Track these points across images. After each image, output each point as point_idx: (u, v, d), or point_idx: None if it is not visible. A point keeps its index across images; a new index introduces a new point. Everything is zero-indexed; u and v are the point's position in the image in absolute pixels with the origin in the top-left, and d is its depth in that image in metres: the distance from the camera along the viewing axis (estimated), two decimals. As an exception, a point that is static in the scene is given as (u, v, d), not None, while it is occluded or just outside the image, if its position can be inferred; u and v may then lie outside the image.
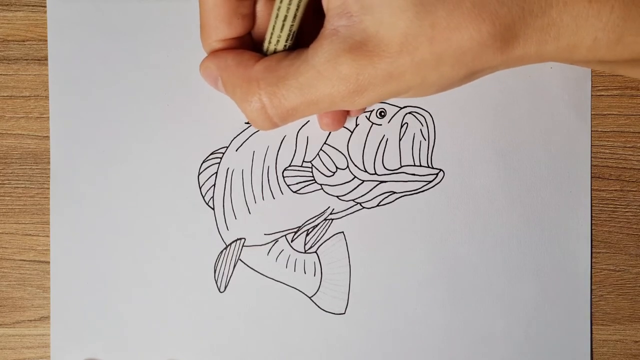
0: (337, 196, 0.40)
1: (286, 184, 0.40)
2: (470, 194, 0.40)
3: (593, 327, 0.41)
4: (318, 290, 0.40)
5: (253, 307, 0.40)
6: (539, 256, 0.40)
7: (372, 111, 0.40)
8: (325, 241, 0.40)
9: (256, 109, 0.30)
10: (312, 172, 0.40)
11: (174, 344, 0.40)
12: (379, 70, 0.27)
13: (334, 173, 0.40)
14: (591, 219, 0.40)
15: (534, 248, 0.40)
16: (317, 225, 0.40)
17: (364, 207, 0.40)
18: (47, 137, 0.40)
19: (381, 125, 0.40)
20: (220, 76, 0.32)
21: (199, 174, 0.40)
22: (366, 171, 0.40)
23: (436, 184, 0.40)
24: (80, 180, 0.40)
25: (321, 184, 0.40)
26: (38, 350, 0.41)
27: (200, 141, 0.40)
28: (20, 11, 0.40)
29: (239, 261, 0.40)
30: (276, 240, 0.41)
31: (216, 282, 0.40)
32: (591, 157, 0.40)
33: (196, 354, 0.40)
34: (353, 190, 0.40)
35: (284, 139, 0.40)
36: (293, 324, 0.40)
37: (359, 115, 0.40)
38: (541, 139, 0.40)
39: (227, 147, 0.40)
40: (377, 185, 0.40)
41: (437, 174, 0.40)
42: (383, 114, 0.40)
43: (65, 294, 0.40)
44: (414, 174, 0.40)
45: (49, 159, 0.40)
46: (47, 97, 0.40)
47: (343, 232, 0.41)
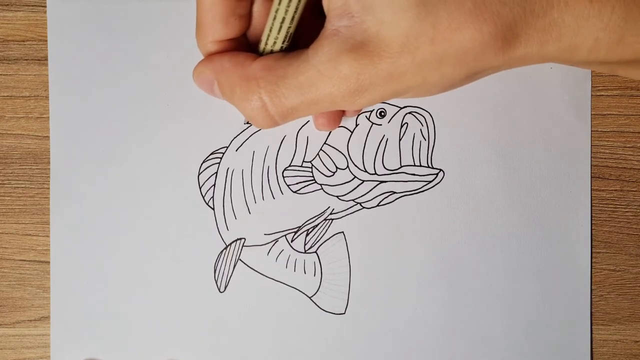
0: (337, 196, 0.40)
1: (286, 184, 0.40)
2: (470, 194, 0.40)
3: (593, 327, 0.41)
4: (318, 290, 0.40)
5: (253, 307, 0.40)
6: (539, 256, 0.40)
7: (372, 111, 0.40)
8: (325, 241, 0.40)
9: (257, 107, 0.30)
10: (312, 172, 0.40)
11: (174, 344, 0.40)
12: (379, 71, 0.27)
13: (334, 173, 0.40)
14: (591, 219, 0.40)
15: (534, 248, 0.40)
16: (317, 225, 0.40)
17: (364, 207, 0.40)
18: (47, 137, 0.40)
19: (381, 125, 0.40)
20: (216, 79, 0.32)
21: (199, 174, 0.40)
22: (366, 171, 0.40)
23: (436, 184, 0.40)
24: (80, 180, 0.40)
25: (321, 184, 0.40)
26: (38, 350, 0.41)
27: (200, 141, 0.40)
28: (20, 11, 0.40)
29: (239, 261, 0.40)
30: (276, 240, 0.41)
31: (216, 282, 0.40)
32: (591, 157, 0.40)
33: (196, 354, 0.40)
34: (353, 190, 0.40)
35: (284, 139, 0.40)
36: (293, 324, 0.40)
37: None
38: (541, 139, 0.40)
39: (227, 147, 0.40)
40: (377, 185, 0.40)
41: (437, 174, 0.40)
42: (383, 114, 0.40)
43: (65, 294, 0.40)
44: (414, 174, 0.40)
45: (49, 159, 0.40)
46: (47, 97, 0.40)
47: (343, 232, 0.40)
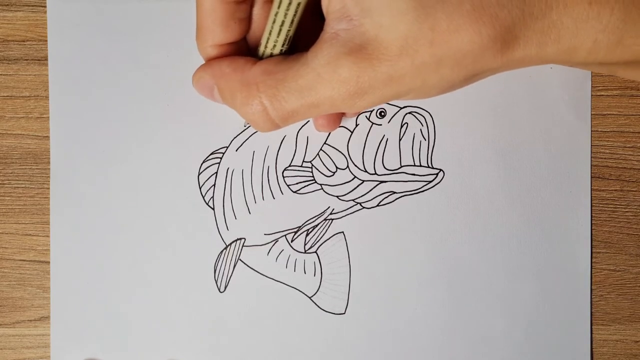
0: (337, 196, 0.40)
1: (286, 184, 0.40)
2: (470, 194, 0.40)
3: (593, 327, 0.41)
4: (318, 290, 0.40)
5: (253, 307, 0.40)
6: (539, 256, 0.40)
7: (372, 111, 0.40)
8: (325, 241, 0.40)
9: (258, 111, 0.30)
10: (312, 172, 0.40)
11: (174, 344, 0.40)
12: (379, 73, 0.27)
13: (334, 173, 0.40)
14: (591, 219, 0.40)
15: (534, 248, 0.40)
16: (317, 225, 0.40)
17: (364, 207, 0.40)
18: (47, 137, 0.40)
19: (381, 125, 0.40)
20: (216, 84, 0.32)
21: (199, 174, 0.40)
22: (366, 171, 0.40)
23: (436, 184, 0.40)
24: (80, 180, 0.40)
25: (321, 184, 0.40)
26: (38, 350, 0.41)
27: (200, 141, 0.40)
28: (20, 11, 0.40)
29: (239, 261, 0.40)
30: (276, 240, 0.41)
31: (216, 282, 0.40)
32: (591, 157, 0.40)
33: (196, 354, 0.40)
34: (353, 190, 0.40)
35: (284, 139, 0.40)
36: (293, 324, 0.40)
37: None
38: (541, 139, 0.40)
39: (227, 147, 0.40)
40: (377, 185, 0.40)
41: (437, 174, 0.40)
42: (383, 114, 0.40)
43: (65, 294, 0.40)
44: (414, 174, 0.40)
45: (49, 159, 0.40)
46: (47, 97, 0.40)
47: (343, 232, 0.41)
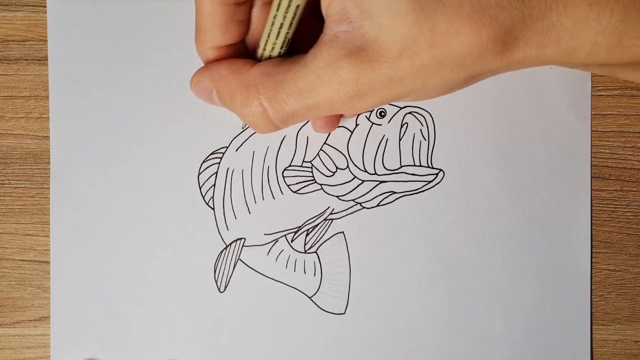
0: (337, 196, 0.40)
1: (286, 184, 0.40)
2: (470, 194, 0.40)
3: (593, 327, 0.41)
4: (318, 290, 0.40)
5: (253, 307, 0.40)
6: (539, 256, 0.40)
7: (372, 111, 0.40)
8: (325, 241, 0.40)
9: (258, 113, 0.30)
10: (312, 172, 0.40)
11: (174, 344, 0.40)
12: (378, 75, 0.27)
13: (334, 173, 0.40)
14: (591, 219, 0.40)
15: (534, 248, 0.40)
16: (317, 225, 0.40)
17: (364, 207, 0.40)
18: (47, 137, 0.40)
19: (381, 125, 0.40)
20: (215, 87, 0.32)
21: (199, 174, 0.40)
22: (366, 171, 0.40)
23: (436, 184, 0.40)
24: (80, 180, 0.40)
25: (321, 184, 0.40)
26: (38, 350, 0.41)
27: (200, 141, 0.40)
28: (20, 11, 0.40)
29: (239, 261, 0.40)
30: (276, 240, 0.41)
31: (216, 282, 0.40)
32: (591, 157, 0.40)
33: (196, 354, 0.40)
34: (353, 190, 0.40)
35: (283, 139, 0.40)
36: (293, 324, 0.40)
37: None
38: (541, 139, 0.40)
39: (227, 147, 0.40)
40: (377, 185, 0.40)
41: (437, 174, 0.40)
42: (383, 114, 0.40)
43: (65, 294, 0.40)
44: (414, 174, 0.40)
45: (49, 159, 0.40)
46: (47, 97, 0.40)
47: (343, 232, 0.41)
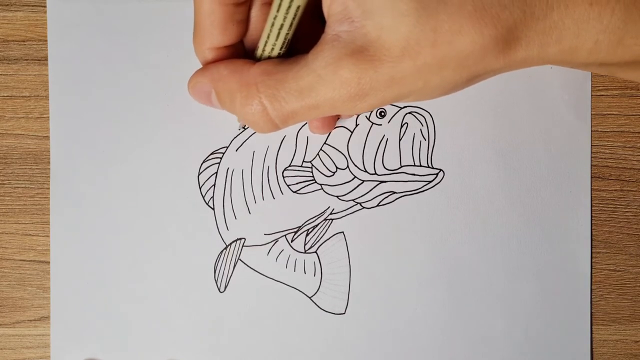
0: (337, 196, 0.40)
1: (286, 184, 0.40)
2: (470, 194, 0.40)
3: (593, 327, 0.41)
4: (318, 290, 0.40)
5: (253, 307, 0.40)
6: (539, 256, 0.40)
7: (372, 111, 0.40)
8: (325, 241, 0.40)
9: (258, 111, 0.30)
10: (312, 172, 0.40)
11: (174, 344, 0.40)
12: (380, 75, 0.27)
13: (334, 173, 0.40)
14: (591, 219, 0.40)
15: (534, 248, 0.40)
16: (317, 225, 0.40)
17: (364, 207, 0.40)
18: (47, 137, 0.40)
19: (381, 125, 0.40)
20: (214, 88, 0.32)
21: (199, 174, 0.40)
22: (366, 171, 0.40)
23: (436, 184, 0.40)
24: (80, 180, 0.40)
25: (321, 184, 0.40)
26: (38, 350, 0.41)
27: (200, 141, 0.40)
28: (20, 11, 0.40)
29: (239, 261, 0.40)
30: (276, 240, 0.41)
31: (216, 282, 0.40)
32: (591, 157, 0.40)
33: (196, 354, 0.40)
34: (353, 190, 0.40)
35: (284, 139, 0.40)
36: (293, 324, 0.40)
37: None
38: (541, 139, 0.40)
39: (227, 147, 0.40)
40: (377, 185, 0.40)
41: (437, 174, 0.40)
42: (383, 114, 0.40)
43: (65, 294, 0.40)
44: (414, 174, 0.40)
45: (49, 159, 0.40)
46: (47, 97, 0.40)
47: (343, 232, 0.41)
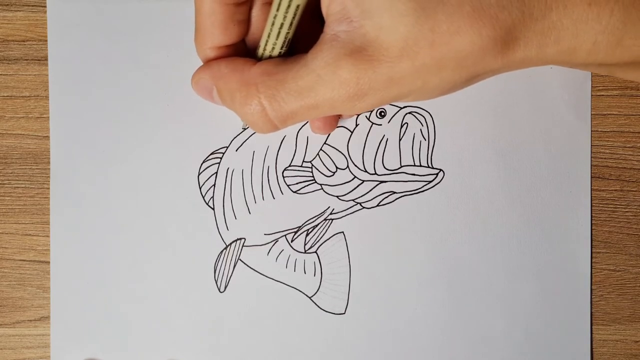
0: (337, 196, 0.40)
1: (286, 184, 0.40)
2: (470, 194, 0.40)
3: (593, 327, 0.41)
4: (318, 290, 0.40)
5: (253, 307, 0.40)
6: (539, 256, 0.40)
7: (372, 111, 0.40)
8: (325, 241, 0.41)
9: (257, 111, 0.30)
10: (312, 172, 0.40)
11: (174, 344, 0.40)
12: (379, 75, 0.27)
13: (334, 173, 0.40)
14: (591, 219, 0.40)
15: (534, 248, 0.40)
16: (317, 225, 0.40)
17: (364, 207, 0.40)
18: (47, 137, 0.40)
19: (381, 125, 0.40)
20: (215, 85, 0.32)
21: (199, 174, 0.40)
22: (366, 171, 0.40)
23: (436, 184, 0.40)
24: (80, 180, 0.40)
25: (321, 184, 0.40)
26: (38, 350, 0.41)
27: (200, 141, 0.40)
28: (20, 11, 0.40)
29: (239, 261, 0.40)
30: (276, 240, 0.41)
31: (216, 282, 0.40)
32: (591, 157, 0.40)
33: (196, 354, 0.40)
34: (353, 190, 0.40)
35: (283, 139, 0.40)
36: (293, 324, 0.40)
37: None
38: (541, 139, 0.40)
39: (227, 147, 0.40)
40: (377, 185, 0.40)
41: (437, 174, 0.40)
42: (383, 114, 0.40)
43: (65, 294, 0.40)
44: (414, 174, 0.40)
45: (49, 159, 0.40)
46: (47, 97, 0.40)
47: (343, 232, 0.41)
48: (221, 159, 0.40)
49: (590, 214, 0.40)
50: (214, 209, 0.40)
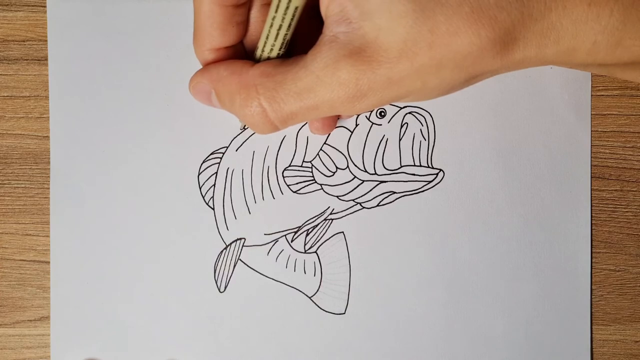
0: (337, 196, 0.40)
1: (286, 184, 0.40)
2: (470, 194, 0.40)
3: (593, 327, 0.41)
4: (318, 290, 0.40)
5: (253, 307, 0.40)
6: (539, 256, 0.40)
7: (372, 111, 0.40)
8: (325, 241, 0.40)
9: (257, 113, 0.30)
10: (312, 172, 0.40)
11: (174, 344, 0.40)
12: (378, 76, 0.27)
13: (334, 173, 0.40)
14: (591, 219, 0.40)
15: (534, 248, 0.40)
16: (317, 225, 0.40)
17: (364, 207, 0.40)
18: (47, 137, 0.40)
19: (381, 125, 0.40)
20: (214, 89, 0.32)
21: (199, 174, 0.40)
22: (366, 171, 0.40)
23: (436, 184, 0.40)
24: (80, 180, 0.40)
25: (321, 184, 0.40)
26: (38, 350, 0.41)
27: (200, 141, 0.40)
28: (20, 11, 0.40)
29: (239, 261, 0.40)
30: (276, 240, 0.41)
31: (216, 282, 0.40)
32: (591, 157, 0.40)
33: (196, 354, 0.40)
34: (353, 190, 0.40)
35: (283, 139, 0.40)
36: (293, 324, 0.40)
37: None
38: (541, 139, 0.40)
39: (227, 147, 0.40)
40: (377, 185, 0.40)
41: (437, 174, 0.40)
42: (383, 114, 0.40)
43: (65, 294, 0.40)
44: (414, 174, 0.40)
45: (49, 159, 0.40)
46: (47, 97, 0.40)
47: (343, 232, 0.41)
48: (221, 159, 0.40)
49: (590, 214, 0.40)
50: (214, 209, 0.40)
